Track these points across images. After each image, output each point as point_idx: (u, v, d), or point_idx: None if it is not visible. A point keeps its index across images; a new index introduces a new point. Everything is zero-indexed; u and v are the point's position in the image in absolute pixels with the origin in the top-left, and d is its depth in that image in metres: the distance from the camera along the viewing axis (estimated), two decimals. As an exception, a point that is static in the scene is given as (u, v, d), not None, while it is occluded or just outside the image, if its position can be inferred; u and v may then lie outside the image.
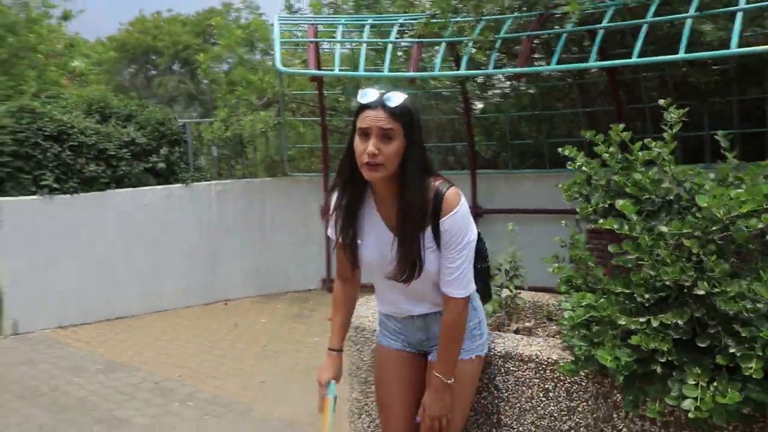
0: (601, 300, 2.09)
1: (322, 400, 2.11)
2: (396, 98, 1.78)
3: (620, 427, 2.13)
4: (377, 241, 1.93)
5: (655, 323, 1.89)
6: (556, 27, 5.46)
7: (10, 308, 6.24)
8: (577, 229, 2.45)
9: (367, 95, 1.80)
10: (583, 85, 7.27)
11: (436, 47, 5.46)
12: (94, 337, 6.12)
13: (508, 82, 7.57)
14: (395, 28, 5.60)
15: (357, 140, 1.80)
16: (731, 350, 1.76)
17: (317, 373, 2.15)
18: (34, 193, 6.37)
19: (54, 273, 6.47)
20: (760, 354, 1.70)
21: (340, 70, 5.42)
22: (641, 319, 1.94)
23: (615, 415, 2.14)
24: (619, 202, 2.14)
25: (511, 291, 2.79)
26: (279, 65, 4.91)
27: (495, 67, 5.41)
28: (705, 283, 1.81)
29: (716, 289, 1.80)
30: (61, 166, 6.55)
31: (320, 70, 6.44)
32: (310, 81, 7.03)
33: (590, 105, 7.21)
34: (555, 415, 2.27)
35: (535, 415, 2.32)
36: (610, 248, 2.16)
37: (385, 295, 2.09)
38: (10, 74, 13.25)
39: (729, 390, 1.71)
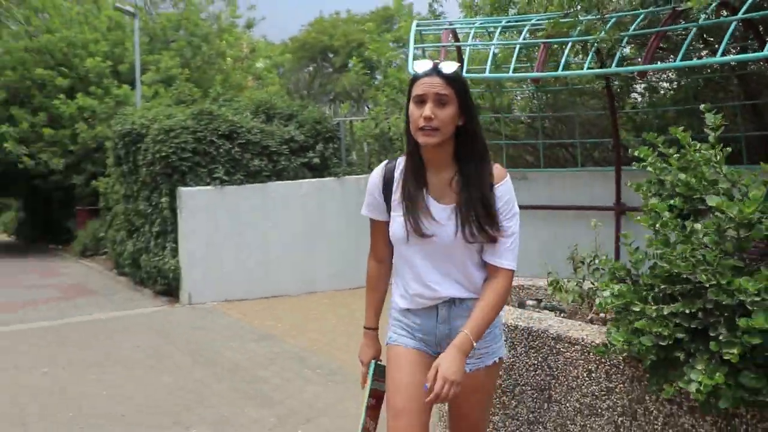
0: (624, 289, 2.13)
1: (364, 378, 2.10)
2: (449, 66, 1.82)
3: (651, 410, 2.12)
4: (426, 214, 1.87)
5: (666, 311, 1.92)
6: (682, 21, 5.07)
7: (186, 282, 7.32)
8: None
9: (421, 65, 1.84)
10: (744, 77, 6.59)
11: (564, 47, 5.33)
12: (252, 311, 6.94)
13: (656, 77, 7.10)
14: (526, 29, 5.57)
15: (413, 107, 1.82)
16: (720, 338, 1.75)
17: (359, 353, 2.14)
18: (208, 184, 7.40)
19: (222, 254, 7.45)
20: (740, 341, 1.69)
21: (467, 71, 5.54)
22: (653, 307, 1.96)
23: (647, 398, 2.13)
24: (652, 201, 2.22)
25: (592, 283, 2.80)
26: (410, 69, 5.18)
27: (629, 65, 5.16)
28: (704, 275, 1.82)
29: (713, 282, 1.80)
30: (230, 161, 7.52)
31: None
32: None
33: (757, 97, 6.52)
34: (596, 394, 2.30)
35: (579, 393, 2.37)
36: (645, 242, 2.19)
37: (419, 273, 1.93)
38: (201, 80, 15.24)
39: (716, 374, 1.72)
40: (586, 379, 2.34)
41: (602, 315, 2.68)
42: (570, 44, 5.33)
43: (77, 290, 9.07)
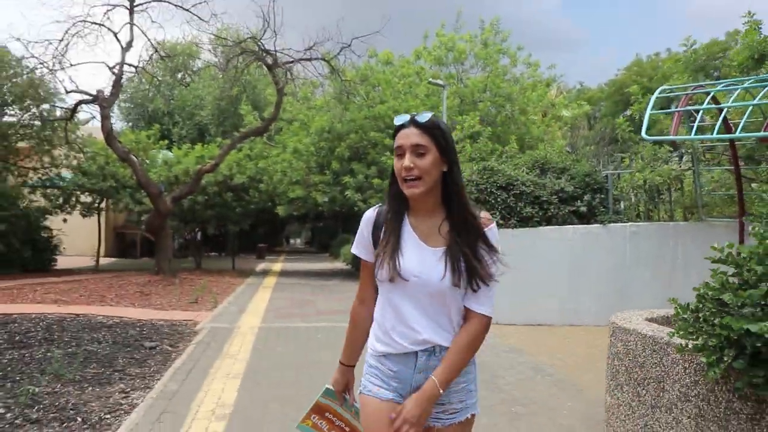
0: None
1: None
2: (424, 116, 1.88)
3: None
4: (408, 253, 1.91)
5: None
6: None
7: (466, 305, 9.03)
8: None
9: (399, 118, 1.91)
10: None
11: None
12: (512, 332, 8.30)
13: None
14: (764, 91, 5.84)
15: (395, 160, 1.89)
16: None
17: (331, 381, 2.18)
18: (486, 226, 9.03)
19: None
20: None
21: (696, 133, 6.03)
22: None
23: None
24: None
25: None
26: (644, 134, 5.91)
27: None
28: None
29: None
30: (506, 208, 9.07)
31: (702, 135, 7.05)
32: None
33: None
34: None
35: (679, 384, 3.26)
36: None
37: (402, 314, 1.93)
38: (503, 134, 17.11)
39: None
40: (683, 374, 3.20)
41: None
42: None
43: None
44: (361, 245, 2.06)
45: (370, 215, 2.04)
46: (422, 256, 1.90)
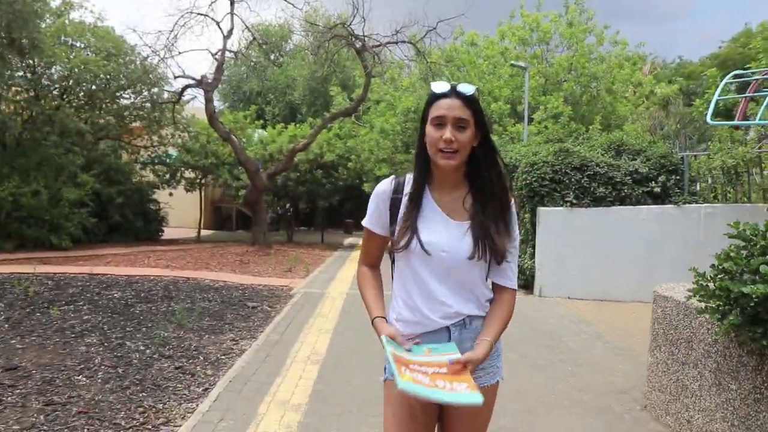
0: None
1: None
2: (468, 88, 1.84)
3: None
4: (433, 227, 1.89)
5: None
6: None
7: (539, 279, 9.54)
8: None
9: (441, 86, 1.85)
10: None
11: None
12: (583, 306, 8.76)
13: None
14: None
15: (431, 129, 1.83)
16: None
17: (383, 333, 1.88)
18: (560, 206, 9.48)
19: (568, 259, 9.43)
20: None
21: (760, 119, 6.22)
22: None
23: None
24: None
25: None
26: (708, 119, 6.16)
27: None
28: None
29: None
30: (580, 188, 9.46)
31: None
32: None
33: None
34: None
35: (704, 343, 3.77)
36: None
37: (429, 290, 1.90)
38: (588, 114, 17.15)
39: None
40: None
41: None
42: None
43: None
44: (375, 219, 2.00)
45: (386, 187, 1.98)
46: (448, 230, 1.88)
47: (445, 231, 1.88)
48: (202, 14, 15.68)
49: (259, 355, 5.69)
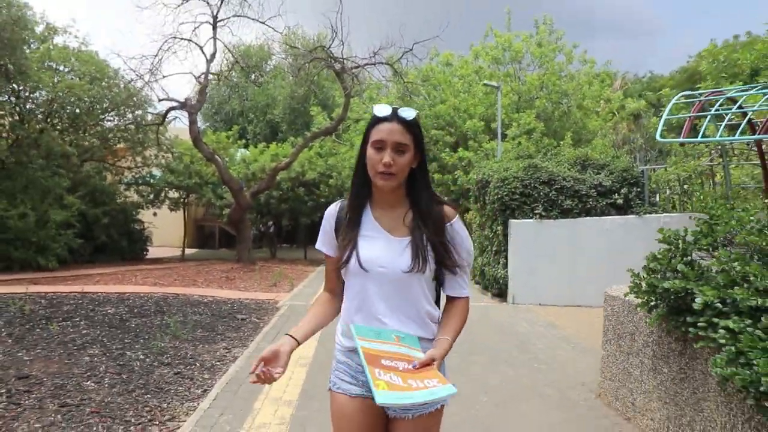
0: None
1: (253, 369, 1.81)
2: (409, 113, 1.87)
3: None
4: (373, 244, 1.92)
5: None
6: None
7: (512, 287, 10.11)
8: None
9: (382, 110, 1.87)
10: None
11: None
12: (553, 312, 9.34)
13: None
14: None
15: (371, 151, 1.86)
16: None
17: (262, 354, 1.83)
18: (530, 218, 10.09)
19: (538, 268, 10.02)
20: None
21: (703, 136, 6.88)
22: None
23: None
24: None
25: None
26: (658, 136, 6.81)
27: None
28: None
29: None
30: (548, 201, 10.09)
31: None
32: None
33: None
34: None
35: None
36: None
37: (368, 306, 1.92)
38: (559, 130, 17.91)
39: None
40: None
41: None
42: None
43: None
44: (324, 241, 2.05)
45: (332, 210, 2.05)
46: (388, 247, 1.91)
47: (384, 247, 1.91)
48: (185, 39, 16.19)
49: (251, 361, 6.16)
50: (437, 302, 2.04)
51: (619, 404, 4.69)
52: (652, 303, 3.79)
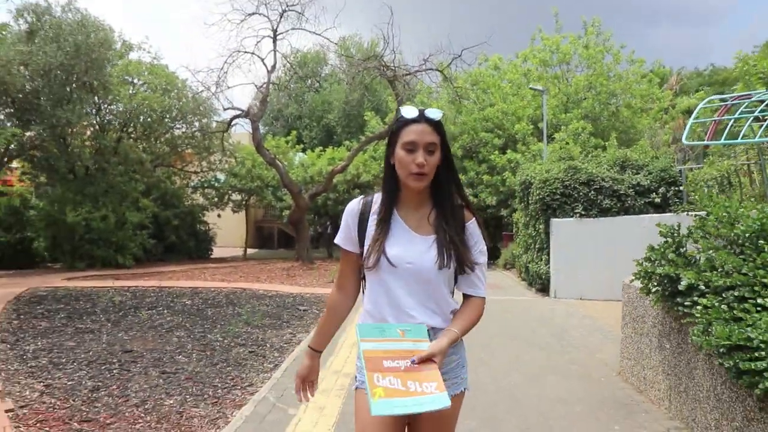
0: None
1: (297, 389, 2.16)
2: (436, 114, 1.96)
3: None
4: (400, 241, 1.99)
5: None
6: None
7: (554, 283, 10.73)
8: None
9: (411, 111, 1.96)
10: None
11: None
12: (591, 306, 9.92)
13: None
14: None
15: (402, 153, 1.93)
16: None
17: (299, 370, 2.15)
18: (571, 217, 10.68)
19: (579, 264, 10.61)
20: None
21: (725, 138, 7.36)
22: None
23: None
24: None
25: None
26: (684, 140, 7.30)
27: None
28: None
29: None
30: (587, 201, 10.66)
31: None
32: None
33: None
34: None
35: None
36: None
37: (396, 301, 1.99)
38: (605, 131, 18.25)
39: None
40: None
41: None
42: None
43: (491, 287, 13.38)
44: (346, 237, 2.11)
45: (355, 207, 2.12)
46: (414, 244, 1.99)
47: (411, 245, 1.99)
48: (248, 52, 17.40)
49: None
50: None
51: (634, 379, 5.36)
52: (650, 287, 4.47)
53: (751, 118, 7.09)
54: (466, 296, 2.10)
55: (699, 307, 3.70)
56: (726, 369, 3.40)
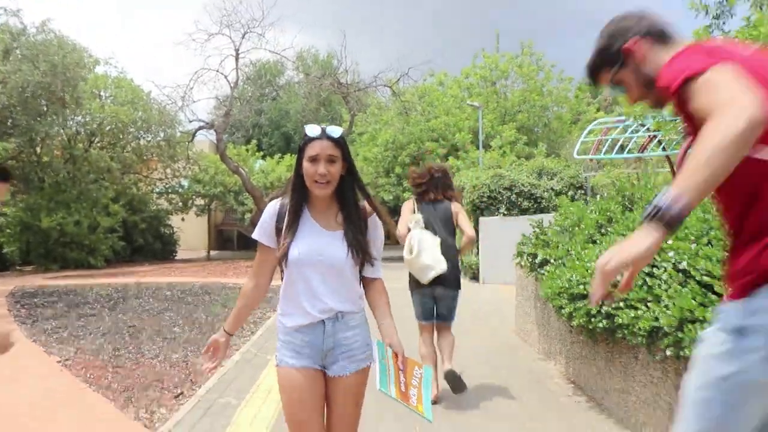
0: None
1: (206, 350, 2.40)
2: (335, 131, 2.24)
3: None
4: (311, 239, 2.25)
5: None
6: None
7: (482, 271, 12.71)
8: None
9: (314, 130, 2.22)
10: None
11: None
12: (511, 288, 11.88)
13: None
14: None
15: (307, 164, 2.19)
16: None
17: (208, 344, 2.38)
18: (496, 216, 12.68)
19: (502, 255, 12.57)
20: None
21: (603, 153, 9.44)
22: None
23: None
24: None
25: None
26: (574, 154, 9.31)
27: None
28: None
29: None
30: (509, 203, 12.67)
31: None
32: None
33: None
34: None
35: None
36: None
37: (312, 289, 2.24)
38: (538, 140, 20.48)
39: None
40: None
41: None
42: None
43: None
44: (264, 233, 2.34)
45: (274, 207, 2.35)
46: (323, 240, 2.26)
47: (320, 240, 2.26)
48: (213, 70, 18.99)
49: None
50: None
51: (521, 333, 7.29)
52: (522, 263, 6.40)
53: (622, 138, 9.18)
54: (368, 280, 2.42)
55: (544, 271, 5.62)
56: (555, 309, 5.31)
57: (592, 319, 4.20)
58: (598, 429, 4.06)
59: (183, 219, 25.43)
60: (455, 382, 4.54)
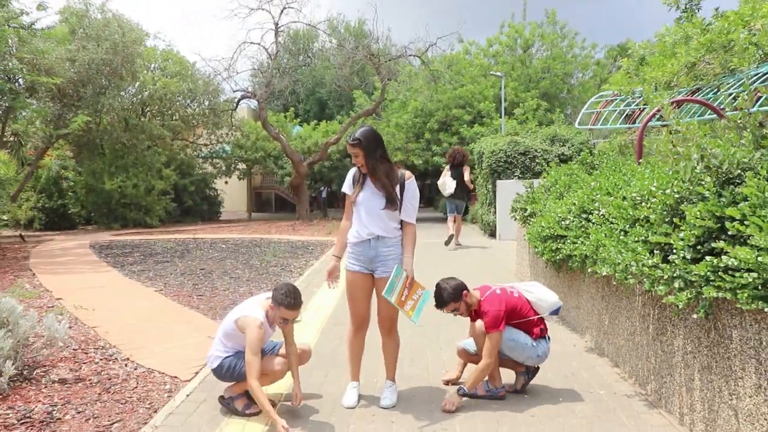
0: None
1: (329, 274, 6.39)
2: (352, 136, 3.71)
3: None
4: (369, 192, 3.74)
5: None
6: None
7: (499, 229, 14.25)
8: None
9: (348, 137, 3.76)
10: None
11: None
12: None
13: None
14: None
15: (353, 157, 3.74)
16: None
17: (327, 270, 3.92)
18: (511, 179, 14.13)
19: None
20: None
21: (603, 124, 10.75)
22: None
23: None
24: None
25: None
26: (576, 125, 10.55)
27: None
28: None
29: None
30: (524, 167, 14.08)
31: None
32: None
33: None
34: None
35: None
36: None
37: (363, 222, 3.73)
38: (561, 107, 21.61)
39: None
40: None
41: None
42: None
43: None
44: (347, 187, 3.87)
45: (354, 172, 3.89)
46: (374, 194, 3.73)
47: (371, 194, 3.75)
48: (255, 43, 20.51)
49: (322, 264, 10.53)
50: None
51: (519, 274, 8.87)
52: (516, 216, 7.94)
53: (617, 111, 10.50)
54: (403, 222, 3.79)
55: (532, 222, 7.15)
56: (536, 252, 6.86)
57: (553, 254, 5.77)
58: (558, 333, 5.67)
59: (227, 182, 27.38)
60: (449, 240, 11.66)
